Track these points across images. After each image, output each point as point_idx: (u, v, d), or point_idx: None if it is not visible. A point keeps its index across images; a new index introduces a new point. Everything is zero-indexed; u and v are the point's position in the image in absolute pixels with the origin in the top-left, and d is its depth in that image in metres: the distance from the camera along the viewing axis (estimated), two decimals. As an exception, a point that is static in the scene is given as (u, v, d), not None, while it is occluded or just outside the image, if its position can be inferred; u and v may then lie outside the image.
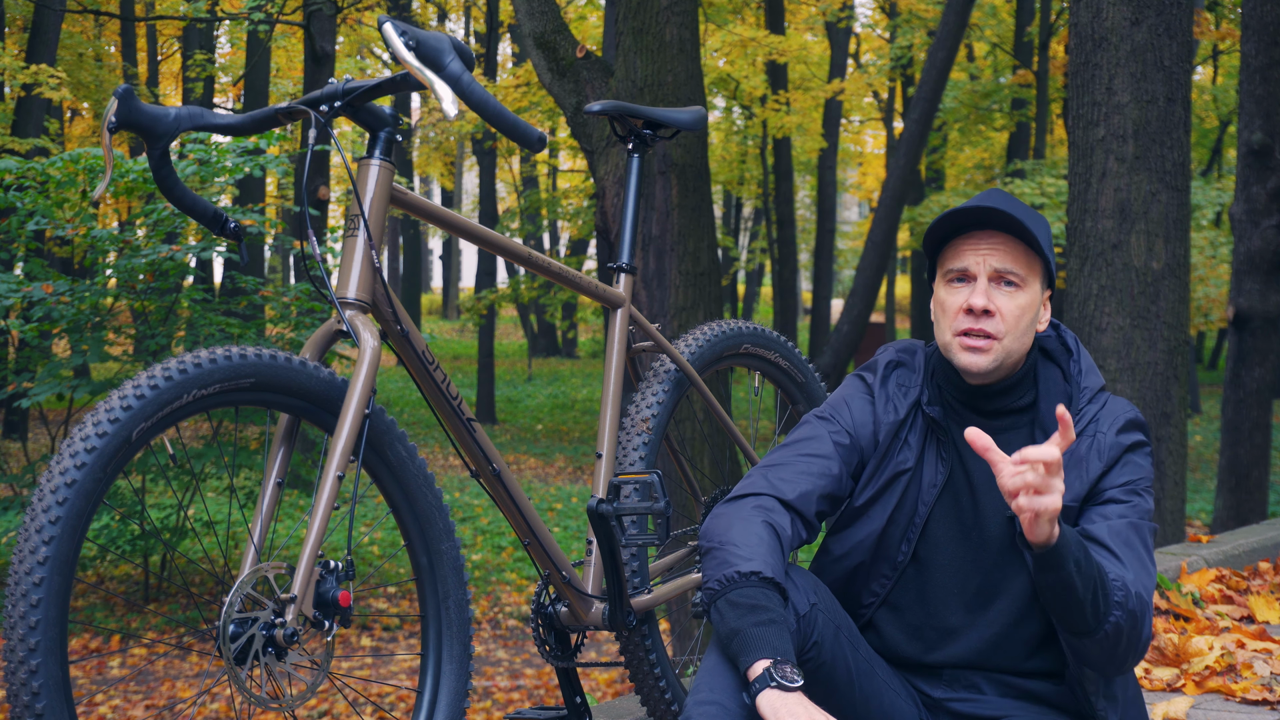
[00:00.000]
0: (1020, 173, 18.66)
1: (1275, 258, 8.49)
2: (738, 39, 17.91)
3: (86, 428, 2.01)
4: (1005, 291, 2.32)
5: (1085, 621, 2.19)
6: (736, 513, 2.30)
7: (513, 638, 9.84)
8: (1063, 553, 2.14)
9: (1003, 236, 2.32)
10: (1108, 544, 2.25)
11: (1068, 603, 2.18)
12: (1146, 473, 2.36)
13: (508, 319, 39.99)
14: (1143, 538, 2.29)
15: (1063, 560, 2.14)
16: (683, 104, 6.65)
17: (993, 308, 2.30)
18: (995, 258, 2.31)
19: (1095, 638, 2.20)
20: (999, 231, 2.32)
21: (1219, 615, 4.37)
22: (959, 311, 2.33)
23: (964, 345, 2.33)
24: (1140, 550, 2.27)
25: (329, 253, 7.90)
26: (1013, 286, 2.32)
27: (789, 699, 2.05)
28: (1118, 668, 2.28)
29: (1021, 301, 2.32)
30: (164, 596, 10.15)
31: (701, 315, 6.64)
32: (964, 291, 2.33)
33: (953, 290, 2.35)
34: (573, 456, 18.33)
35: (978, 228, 2.33)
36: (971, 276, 2.33)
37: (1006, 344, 2.32)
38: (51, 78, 13.43)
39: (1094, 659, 2.26)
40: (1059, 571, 2.15)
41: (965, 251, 2.33)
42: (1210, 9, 19.71)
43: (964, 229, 2.34)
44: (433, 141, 29.63)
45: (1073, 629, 2.22)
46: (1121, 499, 2.31)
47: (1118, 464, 2.33)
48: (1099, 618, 2.18)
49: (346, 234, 2.34)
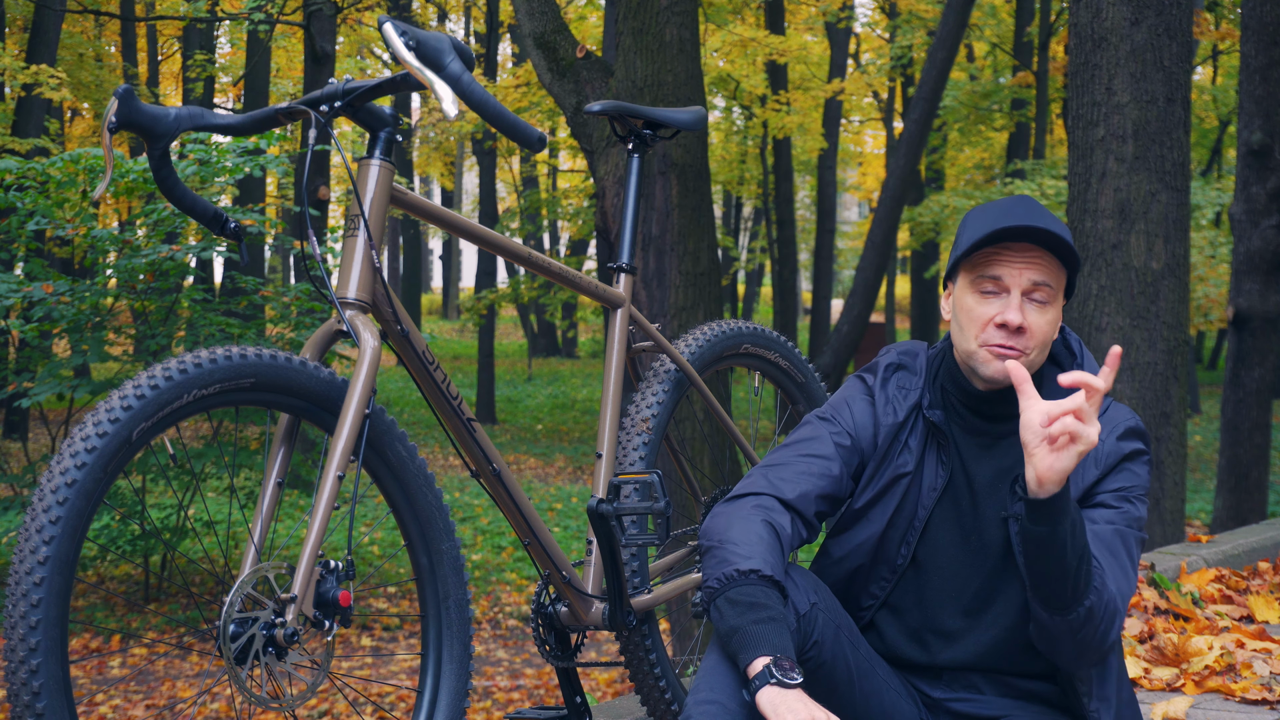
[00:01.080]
0: (1020, 173, 18.67)
1: (1275, 258, 8.49)
2: (738, 39, 17.90)
3: (87, 428, 2.01)
4: (1036, 306, 2.29)
5: (1064, 595, 2.17)
6: (736, 512, 2.31)
7: (513, 638, 9.84)
8: (1064, 505, 2.13)
9: (1039, 250, 2.29)
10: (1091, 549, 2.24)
11: (1053, 567, 2.15)
12: (1142, 481, 2.35)
13: (508, 319, 39.99)
14: (1128, 546, 2.28)
15: (1062, 513, 2.13)
16: (683, 104, 6.65)
17: (1026, 324, 2.28)
18: (1032, 271, 2.28)
19: (1068, 617, 2.19)
20: (1034, 244, 2.29)
21: (1218, 615, 4.38)
22: (989, 323, 2.30)
23: (995, 354, 2.30)
24: (1124, 558, 2.26)
25: (329, 253, 7.90)
26: (1043, 302, 2.30)
27: (788, 695, 2.05)
28: (1075, 659, 2.27)
29: (1050, 316, 2.31)
30: (164, 596, 10.15)
31: (701, 315, 6.64)
32: (995, 303, 2.30)
33: (983, 300, 2.31)
34: (573, 456, 18.33)
35: (1018, 238, 2.30)
36: (1005, 289, 2.29)
37: (1032, 358, 2.31)
38: (52, 78, 13.44)
39: (1059, 643, 2.24)
40: (1055, 525, 2.13)
41: (1000, 262, 2.30)
42: (1210, 9, 19.70)
43: (1008, 238, 2.31)
44: (433, 141, 29.63)
45: (1049, 601, 2.19)
46: (1112, 504, 2.31)
47: (1114, 471, 2.33)
48: (1077, 594, 2.17)
49: (346, 234, 2.35)
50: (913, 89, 18.17)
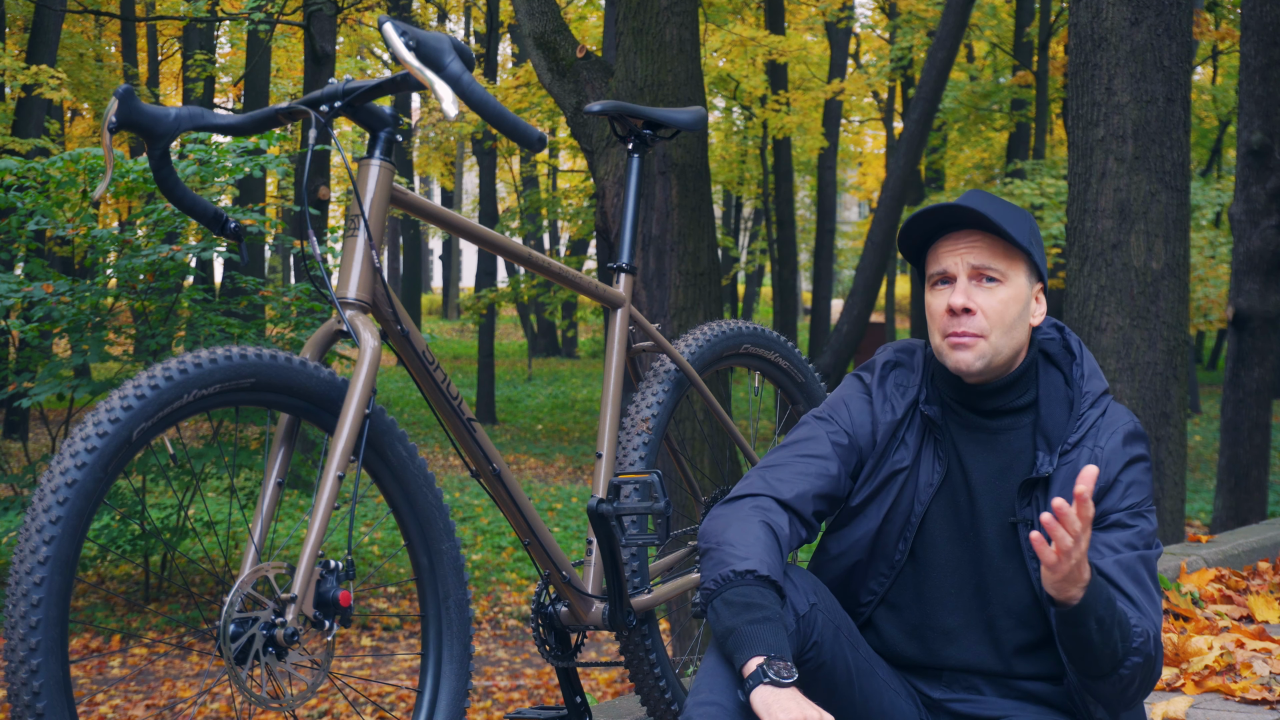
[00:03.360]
0: (1020, 173, 18.66)
1: (1275, 258, 8.49)
2: (738, 39, 17.91)
3: (87, 428, 2.01)
4: (985, 288, 2.32)
5: (1100, 668, 2.22)
6: (734, 513, 2.31)
7: (513, 638, 9.84)
8: (1085, 611, 2.16)
9: (978, 234, 2.33)
10: (1118, 582, 2.26)
11: (1084, 652, 2.21)
12: (1148, 491, 2.36)
13: (508, 319, 39.99)
14: (1150, 569, 2.30)
15: (1084, 618, 2.17)
16: (683, 104, 6.65)
17: (973, 305, 2.31)
18: (971, 255, 2.32)
19: (1109, 680, 2.23)
20: (974, 230, 2.33)
21: (1218, 615, 4.38)
22: (943, 313, 2.34)
23: (951, 344, 2.33)
24: (1149, 585, 2.29)
25: (329, 253, 7.90)
26: (993, 283, 2.32)
27: (782, 695, 2.05)
28: (1127, 705, 2.31)
29: (1003, 296, 2.32)
30: (164, 596, 10.15)
31: (701, 315, 6.64)
32: (946, 293, 2.34)
33: (937, 293, 2.36)
34: (573, 456, 18.33)
35: (954, 228, 2.34)
36: (951, 277, 2.34)
37: (994, 341, 2.32)
38: (52, 78, 13.43)
39: (1104, 696, 2.28)
40: (1079, 628, 2.18)
41: (943, 254, 2.35)
42: (1210, 9, 19.71)
43: (940, 231, 2.36)
44: (433, 141, 29.64)
45: (1087, 673, 2.24)
46: (1127, 523, 2.31)
47: (1119, 480, 2.33)
48: (1115, 664, 2.21)
49: (346, 234, 2.35)
50: (913, 89, 18.18)
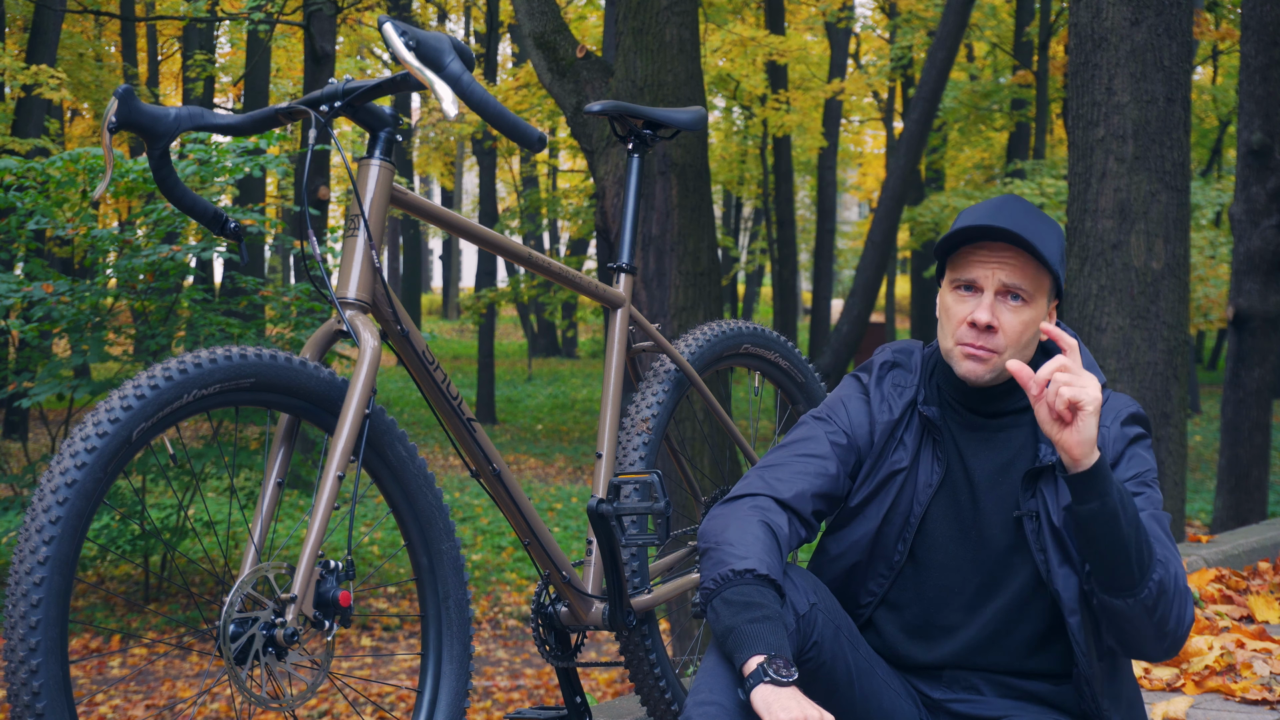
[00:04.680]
0: (1020, 173, 18.66)
1: (1275, 258, 8.49)
2: (738, 39, 17.90)
3: (87, 428, 2.01)
4: (1011, 306, 2.30)
5: (1130, 572, 2.15)
6: (733, 513, 2.31)
7: (513, 638, 9.84)
8: (1105, 473, 2.13)
9: (1014, 251, 2.30)
10: None
11: (1112, 542, 2.14)
12: (1151, 465, 2.35)
13: (508, 319, 39.98)
14: (1165, 529, 2.26)
15: (1106, 482, 2.14)
16: (683, 104, 6.66)
17: (996, 323, 2.29)
18: (1004, 272, 2.29)
19: (1140, 596, 2.16)
20: (1011, 245, 2.30)
21: (1219, 615, 4.38)
22: (962, 322, 2.32)
23: (964, 354, 2.32)
24: (1166, 541, 2.24)
25: (329, 253, 7.90)
26: (1019, 302, 2.30)
27: (782, 694, 2.05)
28: (1158, 641, 2.23)
29: (1026, 317, 2.30)
30: (164, 596, 10.15)
31: (701, 315, 6.64)
32: (970, 303, 2.31)
33: (959, 299, 2.33)
34: (573, 456, 18.33)
35: (990, 239, 2.31)
36: (979, 289, 2.31)
37: (1007, 356, 2.31)
38: (52, 78, 13.43)
39: (1139, 630, 2.20)
40: (1104, 497, 2.14)
41: (975, 263, 2.31)
42: (1210, 9, 19.70)
43: (976, 238, 2.32)
44: (433, 141, 29.63)
45: (1116, 584, 2.17)
46: (1135, 490, 2.30)
47: (1124, 457, 2.33)
48: (1143, 567, 2.15)
49: (346, 234, 2.35)
50: (913, 89, 18.18)
